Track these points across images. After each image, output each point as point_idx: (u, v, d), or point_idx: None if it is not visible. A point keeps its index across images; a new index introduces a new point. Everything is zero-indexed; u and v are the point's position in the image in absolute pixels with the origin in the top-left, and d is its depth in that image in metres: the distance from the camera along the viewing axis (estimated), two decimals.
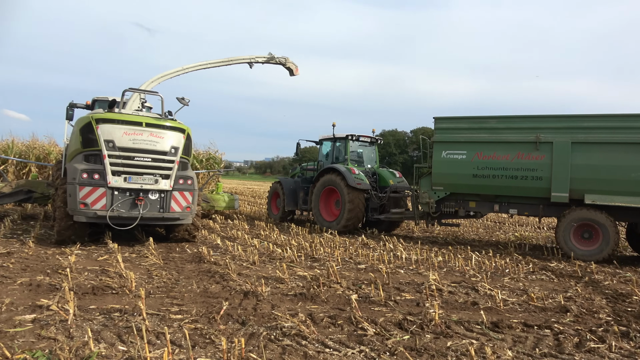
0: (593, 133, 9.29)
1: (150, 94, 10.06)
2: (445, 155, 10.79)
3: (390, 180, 13.22)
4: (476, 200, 10.83)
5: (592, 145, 9.27)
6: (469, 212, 11.05)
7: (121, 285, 5.54)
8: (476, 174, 10.39)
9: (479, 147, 10.42)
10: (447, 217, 11.47)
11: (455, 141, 10.76)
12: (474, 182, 10.45)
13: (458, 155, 10.64)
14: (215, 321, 4.40)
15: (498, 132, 10.36)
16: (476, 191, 10.67)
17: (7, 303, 4.66)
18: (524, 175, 9.88)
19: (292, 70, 15.25)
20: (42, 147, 18.73)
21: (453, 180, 10.79)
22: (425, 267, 7.65)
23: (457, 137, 10.77)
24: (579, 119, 9.55)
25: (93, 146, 8.13)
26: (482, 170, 10.33)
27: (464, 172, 10.53)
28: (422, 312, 4.88)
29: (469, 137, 10.61)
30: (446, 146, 10.81)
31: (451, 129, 10.96)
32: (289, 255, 8.00)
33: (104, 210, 7.95)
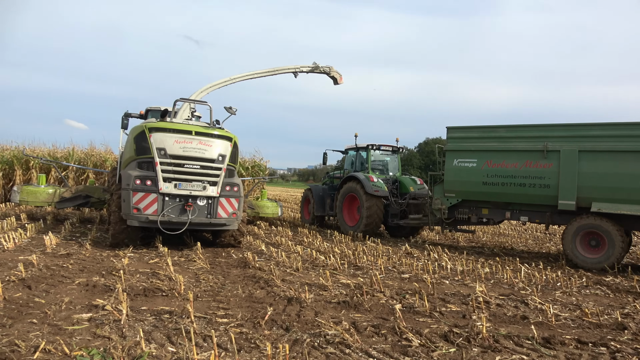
0: (600, 141, 9.36)
1: (200, 103, 10.41)
2: (456, 163, 11.18)
3: (411, 187, 13.66)
4: (488, 207, 11.05)
5: (599, 154, 9.34)
6: (481, 218, 11.28)
7: (170, 288, 5.73)
8: (486, 182, 10.68)
9: (488, 155, 10.71)
10: (460, 223, 11.78)
11: (466, 149, 11.10)
12: (484, 190, 10.75)
13: (469, 163, 10.99)
14: (260, 326, 4.47)
15: (507, 140, 10.63)
16: (486, 198, 10.94)
17: (67, 302, 4.93)
18: (532, 183, 10.06)
19: (337, 79, 15.35)
20: (99, 154, 19.69)
21: (464, 188, 11.14)
22: (472, 279, 7.46)
23: (468, 145, 11.12)
24: (586, 128, 9.70)
25: (146, 154, 8.49)
26: (492, 178, 10.61)
27: (474, 180, 10.86)
28: (468, 325, 4.76)
29: (479, 146, 10.93)
30: (458, 154, 11.19)
31: (463, 138, 11.33)
32: (332, 263, 8.01)
33: (155, 215, 8.27)
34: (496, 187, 10.58)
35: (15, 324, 4.16)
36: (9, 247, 7.89)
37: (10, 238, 8.29)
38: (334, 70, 15.17)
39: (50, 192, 12.46)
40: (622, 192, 9.00)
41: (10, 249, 7.81)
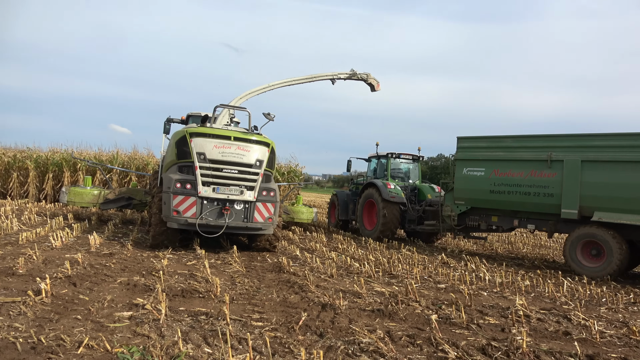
0: (602, 152, 9.50)
1: (239, 109, 10.60)
2: (466, 172, 11.58)
3: (429, 194, 14.18)
4: (498, 215, 11.36)
5: (601, 164, 9.48)
6: (491, 226, 11.59)
7: (207, 290, 5.84)
8: (493, 190, 11.02)
9: (496, 164, 11.04)
10: (471, 230, 12.19)
11: (474, 159, 11.49)
12: (492, 198, 11.09)
13: (477, 172, 11.38)
14: (294, 331, 4.49)
15: (513, 150, 10.93)
16: (493, 206, 11.29)
17: (109, 300, 5.10)
18: (537, 192, 10.29)
19: (374, 85, 15.30)
20: (142, 158, 20.36)
21: (473, 195, 11.54)
22: (511, 291, 7.25)
23: (477, 155, 11.50)
24: (589, 138, 9.88)
25: (186, 158, 8.71)
26: (499, 187, 10.94)
27: (482, 188, 11.23)
28: (507, 339, 4.62)
29: (487, 155, 11.28)
30: (467, 163, 11.58)
31: (472, 148, 11.71)
32: (367, 270, 7.96)
33: (194, 218, 8.46)
34: (503, 196, 10.88)
35: (61, 319, 4.34)
36: (57, 245, 8.26)
37: (58, 237, 8.67)
38: (371, 77, 15.14)
39: (95, 193, 12.96)
40: (623, 201, 9.10)
41: (58, 247, 8.16)
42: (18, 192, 19.75)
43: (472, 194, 11.57)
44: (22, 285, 5.38)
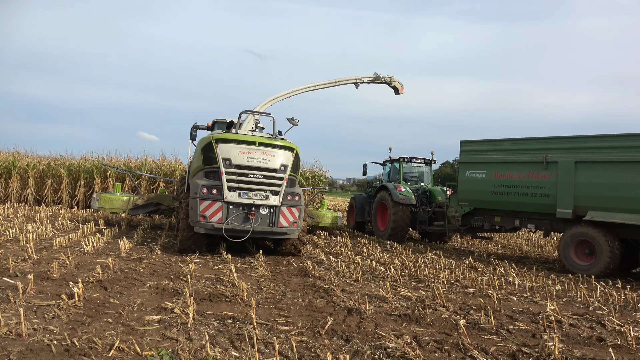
0: (595, 153, 9.81)
1: (263, 115, 10.71)
2: (468, 174, 12.13)
3: (439, 196, 14.74)
4: (500, 215, 11.82)
5: (594, 165, 9.76)
6: (494, 226, 12.13)
7: (234, 294, 5.90)
8: (493, 191, 11.52)
9: (495, 166, 11.53)
10: (476, 230, 12.84)
11: (476, 162, 12.03)
12: (492, 198, 11.59)
13: (479, 174, 11.90)
14: (320, 335, 4.49)
15: (512, 153, 11.37)
16: (494, 207, 11.82)
17: (138, 304, 5.21)
18: (534, 192, 10.68)
19: (398, 88, 15.24)
20: (169, 164, 20.75)
21: (475, 197, 12.11)
22: (542, 296, 7.07)
23: (478, 158, 12.05)
24: (582, 140, 10.22)
25: (212, 164, 8.84)
26: (499, 188, 11.40)
27: (483, 189, 11.75)
28: (539, 345, 4.50)
29: (487, 158, 11.83)
30: (469, 166, 12.14)
31: (474, 151, 12.26)
32: (392, 274, 7.90)
33: (220, 223, 8.57)
34: (502, 197, 11.36)
35: (93, 322, 4.45)
36: (88, 250, 8.48)
37: (90, 242, 8.91)
38: (395, 80, 15.07)
39: (125, 199, 13.28)
40: (615, 201, 9.35)
41: (89, 252, 8.39)
42: (52, 199, 20.39)
43: (474, 195, 12.12)
44: (56, 289, 5.54)
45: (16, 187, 20.45)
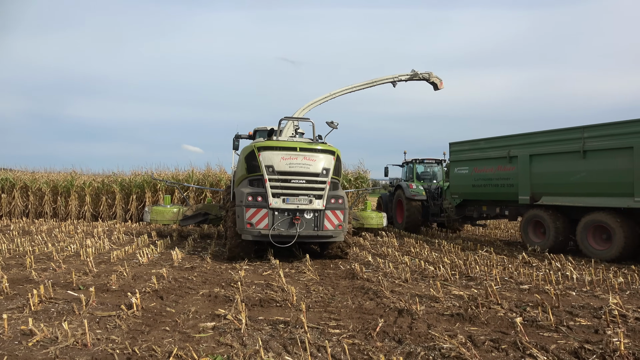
0: (544, 146, 11.39)
1: (303, 120, 10.80)
2: (456, 171, 14.17)
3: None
4: (485, 205, 13.79)
5: (544, 156, 11.39)
6: (482, 214, 14.17)
7: (284, 299, 5.97)
8: (474, 184, 13.53)
9: (474, 163, 13.49)
10: (469, 219, 15.06)
11: (461, 160, 14.03)
12: (474, 190, 13.64)
13: (464, 171, 13.88)
14: (371, 338, 4.46)
15: (485, 150, 13.19)
16: (476, 197, 13.85)
17: (193, 311, 5.37)
18: (502, 183, 12.55)
19: (437, 84, 14.99)
20: (215, 174, 21.26)
21: (462, 190, 14.12)
22: (603, 289, 6.73)
23: (462, 156, 13.99)
24: (535, 135, 11.78)
25: (256, 171, 8.99)
26: (477, 181, 13.38)
27: (467, 183, 13.79)
28: (602, 341, 4.29)
29: (469, 156, 13.73)
30: (456, 164, 14.17)
31: (459, 151, 14.16)
32: (442, 273, 7.75)
33: (266, 229, 8.70)
34: (481, 188, 13.33)
35: (152, 330, 4.63)
36: (143, 261, 8.83)
37: (144, 254, 9.27)
38: (433, 75, 14.83)
39: (175, 211, 13.72)
40: (559, 187, 11.01)
41: (144, 263, 8.73)
42: (107, 214, 21.38)
43: (461, 188, 14.13)
44: (116, 300, 5.80)
45: (75, 205, 21.58)
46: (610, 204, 9.96)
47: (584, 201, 10.50)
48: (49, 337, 4.26)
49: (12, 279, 6.90)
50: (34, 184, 22.03)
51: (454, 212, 14.77)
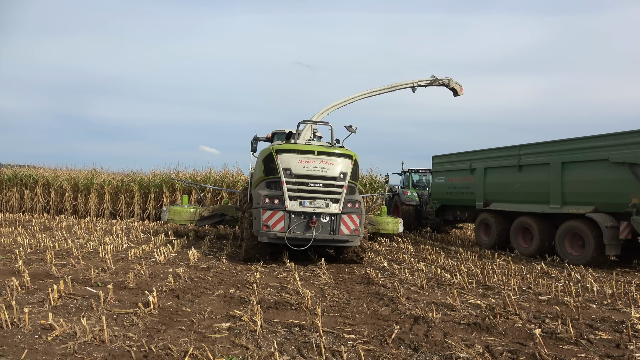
0: (494, 160, 13.73)
1: (321, 124, 10.81)
2: (436, 180, 16.71)
3: None
4: (459, 210, 16.14)
5: (494, 169, 13.77)
6: (456, 218, 16.68)
7: (299, 302, 5.96)
8: (448, 192, 15.97)
9: (448, 174, 15.95)
10: (448, 222, 17.71)
11: (439, 170, 16.53)
12: (448, 197, 16.08)
13: (441, 180, 16.37)
14: (387, 344, 4.43)
15: (456, 163, 15.57)
16: (450, 203, 16.23)
17: (209, 311, 5.40)
18: (466, 191, 14.86)
19: (457, 90, 14.88)
20: (232, 176, 21.43)
21: (440, 196, 16.50)
22: (624, 303, 6.58)
23: (441, 167, 16.45)
24: (488, 152, 14.07)
25: (273, 174, 9.02)
26: (450, 189, 15.80)
27: (443, 191, 16.25)
28: (624, 356, 4.19)
29: (445, 168, 16.17)
30: (437, 174, 16.68)
31: (439, 163, 16.59)
32: (459, 282, 7.66)
33: (282, 232, 8.72)
34: (452, 195, 15.77)
35: (168, 329, 4.67)
36: (160, 260, 8.92)
37: (161, 252, 9.37)
38: (453, 81, 14.73)
39: (192, 211, 13.85)
40: (503, 195, 13.37)
41: (161, 262, 8.81)
42: (125, 212, 21.68)
43: (439, 195, 16.52)
44: (133, 298, 5.87)
45: (94, 202, 21.94)
46: (532, 210, 12.24)
47: (516, 207, 12.80)
48: (67, 332, 4.33)
49: (33, 274, 7.03)
50: (55, 181, 22.48)
51: (435, 216, 17.25)
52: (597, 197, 10.63)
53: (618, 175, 10.15)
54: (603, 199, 10.52)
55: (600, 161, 10.56)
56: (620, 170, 10.10)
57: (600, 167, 10.57)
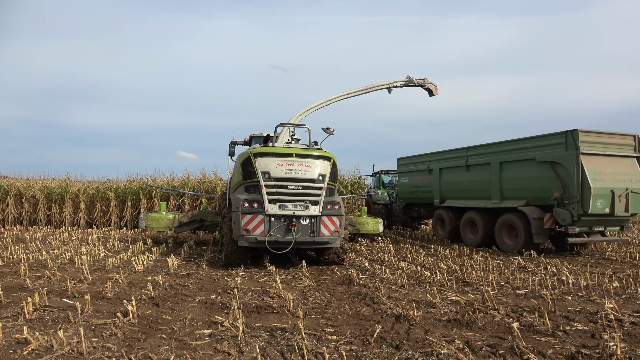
0: (448, 162, 15.08)
1: (299, 127, 10.82)
2: (401, 180, 18.03)
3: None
4: (423, 207, 17.31)
5: (447, 169, 15.10)
6: (420, 214, 17.92)
7: (280, 305, 5.95)
8: (411, 191, 17.34)
9: (410, 174, 17.31)
10: (414, 219, 19.07)
11: (403, 171, 17.85)
12: (411, 196, 17.42)
13: (405, 180, 17.71)
14: (369, 344, 4.46)
15: (416, 164, 16.89)
16: (413, 201, 17.56)
17: (189, 319, 5.34)
18: (425, 190, 16.32)
19: (432, 90, 15.08)
20: (210, 181, 21.23)
21: (405, 195, 17.83)
22: (598, 294, 6.76)
23: (405, 168, 17.78)
24: (443, 153, 15.46)
25: (252, 178, 8.99)
26: (412, 189, 17.17)
27: (407, 190, 17.58)
28: (599, 345, 4.31)
29: (408, 169, 17.52)
30: (402, 175, 17.98)
31: (403, 164, 17.92)
32: (439, 279, 7.76)
33: (263, 236, 8.69)
34: (414, 194, 17.10)
35: (148, 338, 4.60)
36: (139, 268, 8.78)
37: (140, 261, 9.22)
38: (428, 81, 14.92)
39: (170, 217, 13.67)
40: (454, 193, 14.79)
41: (140, 271, 8.68)
42: (102, 221, 21.26)
43: (404, 194, 17.80)
44: (112, 308, 5.76)
45: (69, 212, 21.46)
46: (477, 205, 13.67)
47: (465, 203, 14.25)
48: (44, 346, 4.23)
49: (6, 287, 6.84)
50: (28, 191, 21.91)
51: (402, 213, 18.60)
52: (528, 192, 12.05)
53: (543, 173, 11.58)
54: (532, 194, 11.95)
55: (529, 160, 12.00)
56: (544, 168, 11.53)
57: (529, 165, 12.00)
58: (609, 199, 10.87)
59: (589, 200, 10.60)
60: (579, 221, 10.89)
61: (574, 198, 10.77)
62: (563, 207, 11.08)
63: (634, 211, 11.32)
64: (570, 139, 10.93)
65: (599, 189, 10.73)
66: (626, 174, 11.33)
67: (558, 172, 11.14)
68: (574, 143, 10.84)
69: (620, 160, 11.37)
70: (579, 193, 10.74)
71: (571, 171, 10.86)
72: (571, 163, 10.87)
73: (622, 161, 11.40)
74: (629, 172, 11.41)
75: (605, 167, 11.05)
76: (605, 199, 10.84)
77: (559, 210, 11.14)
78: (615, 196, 10.89)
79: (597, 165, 10.95)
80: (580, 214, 10.77)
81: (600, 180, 10.85)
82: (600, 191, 10.77)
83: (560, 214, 11.09)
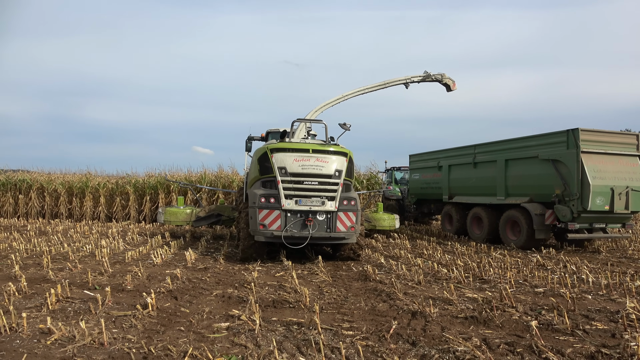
0: (456, 159, 15.40)
1: (315, 122, 10.82)
2: (413, 176, 18.30)
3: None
4: (434, 203, 17.52)
5: (456, 166, 15.42)
6: (430, 210, 18.11)
7: (297, 300, 5.98)
8: (421, 187, 17.62)
9: (421, 171, 17.64)
10: (425, 215, 19.23)
11: (415, 168, 18.18)
12: (422, 192, 17.73)
13: (416, 176, 18.01)
14: (385, 340, 4.46)
15: (427, 161, 17.20)
16: (423, 197, 17.90)
17: (207, 312, 5.41)
18: (435, 186, 16.59)
19: (450, 85, 14.92)
20: (227, 176, 21.41)
21: (416, 192, 18.17)
22: (619, 293, 6.64)
23: (416, 165, 18.11)
24: (452, 150, 15.73)
25: (269, 173, 9.03)
26: (423, 185, 17.48)
27: (418, 186, 17.88)
28: (620, 345, 4.24)
29: (419, 165, 17.84)
30: (413, 171, 18.32)
31: (414, 161, 18.23)
32: (456, 276, 7.71)
33: (279, 231, 8.73)
34: (425, 190, 17.38)
35: (167, 330, 4.68)
36: (157, 262, 8.92)
37: (158, 254, 9.36)
38: (446, 77, 14.76)
39: (188, 212, 13.83)
40: (462, 189, 15.11)
41: (159, 264, 8.81)
42: (121, 215, 21.62)
43: (415, 190, 18.15)
44: (131, 300, 5.87)
45: (89, 206, 21.87)
46: (483, 201, 14.00)
47: (472, 199, 14.57)
48: (66, 336, 4.33)
49: (30, 279, 7.01)
50: (50, 185, 22.38)
51: (413, 209, 19.00)
52: (531, 189, 12.38)
53: (545, 170, 11.87)
54: (535, 191, 12.26)
55: (532, 158, 12.31)
56: (547, 166, 11.83)
57: (532, 163, 12.33)
58: (608, 196, 11.04)
59: (588, 198, 10.82)
60: (578, 218, 11.13)
61: (574, 195, 10.99)
62: (564, 204, 11.30)
63: (634, 209, 11.43)
64: (571, 137, 11.14)
65: (598, 186, 10.91)
66: (628, 172, 11.46)
67: (559, 170, 11.38)
68: (574, 141, 11.05)
69: (622, 159, 11.52)
70: (578, 190, 10.94)
71: (571, 169, 11.08)
72: (571, 161, 11.09)
73: (624, 160, 11.55)
74: (631, 170, 11.54)
75: (606, 165, 11.22)
76: (604, 197, 11.02)
77: (559, 206, 11.38)
78: (615, 194, 11.04)
79: (597, 163, 11.14)
80: (579, 211, 10.99)
81: (600, 178, 11.03)
82: (600, 189, 10.95)
83: (561, 211, 11.31)
